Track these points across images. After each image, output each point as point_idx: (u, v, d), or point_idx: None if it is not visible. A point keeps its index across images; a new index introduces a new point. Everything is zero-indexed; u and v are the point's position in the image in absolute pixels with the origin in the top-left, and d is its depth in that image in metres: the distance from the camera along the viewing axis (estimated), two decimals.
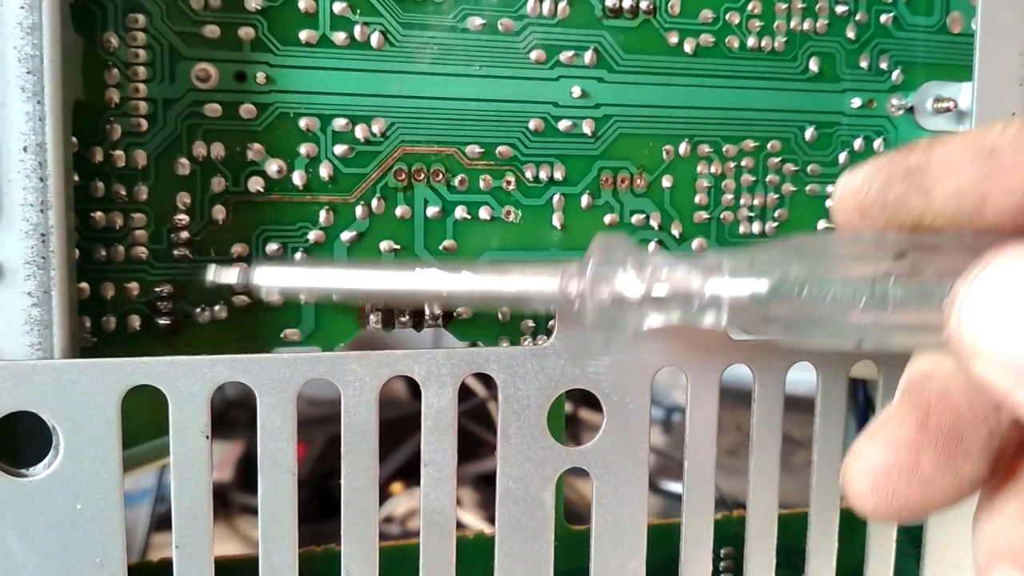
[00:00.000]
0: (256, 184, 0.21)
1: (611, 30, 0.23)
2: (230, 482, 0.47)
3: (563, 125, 0.23)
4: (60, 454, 0.18)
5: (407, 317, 0.22)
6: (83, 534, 0.18)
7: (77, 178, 0.19)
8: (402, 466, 0.48)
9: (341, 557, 0.20)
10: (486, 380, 0.24)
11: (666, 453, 0.53)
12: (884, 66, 0.25)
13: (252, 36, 0.21)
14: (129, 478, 0.19)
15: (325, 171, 0.21)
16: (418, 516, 0.20)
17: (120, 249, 0.20)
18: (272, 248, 0.21)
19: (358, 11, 0.21)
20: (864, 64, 0.25)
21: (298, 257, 0.21)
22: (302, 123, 0.21)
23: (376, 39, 0.21)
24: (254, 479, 0.19)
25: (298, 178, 0.21)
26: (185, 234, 0.21)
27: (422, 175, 0.22)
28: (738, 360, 0.22)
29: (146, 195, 0.20)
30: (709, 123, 0.24)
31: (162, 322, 0.20)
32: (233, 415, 0.48)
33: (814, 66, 0.24)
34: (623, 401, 0.21)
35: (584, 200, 0.23)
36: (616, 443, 0.21)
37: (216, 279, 0.20)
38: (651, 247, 0.24)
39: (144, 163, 0.20)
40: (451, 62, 0.22)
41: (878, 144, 0.25)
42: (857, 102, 0.25)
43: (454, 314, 0.22)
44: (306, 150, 0.21)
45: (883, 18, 0.25)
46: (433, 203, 0.22)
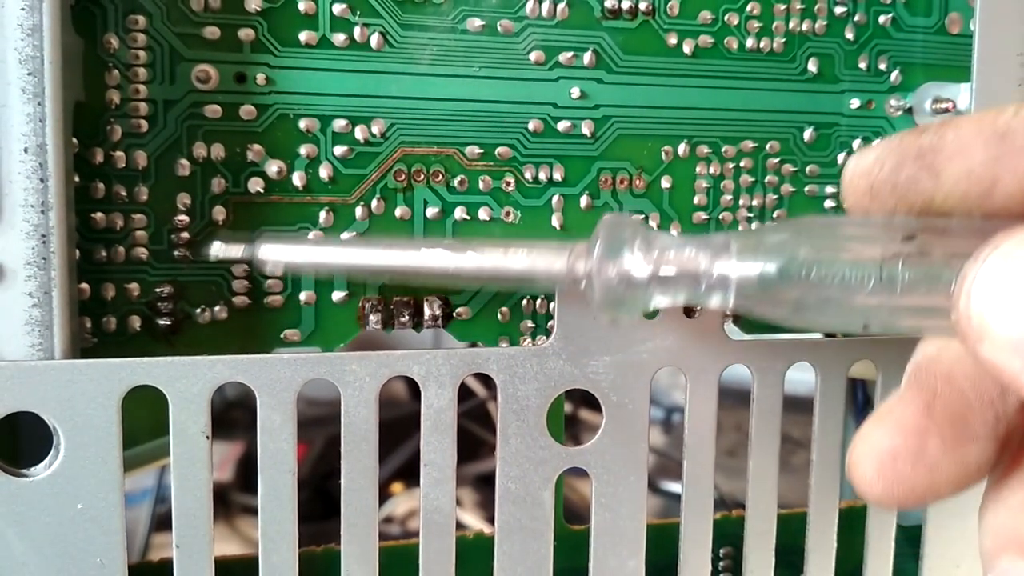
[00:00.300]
0: (256, 185, 0.21)
1: (610, 31, 0.23)
2: (230, 482, 0.47)
3: (562, 126, 0.23)
4: (61, 454, 0.18)
5: (407, 317, 0.22)
6: (84, 534, 0.18)
7: (78, 179, 0.19)
8: (402, 466, 0.48)
9: (341, 557, 0.20)
10: (486, 380, 0.24)
11: (666, 453, 0.53)
12: (883, 67, 0.25)
13: (252, 37, 0.21)
14: (129, 478, 0.20)
15: (325, 172, 0.21)
16: (418, 516, 0.20)
17: (120, 250, 0.20)
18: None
19: (358, 12, 0.21)
20: (863, 65, 0.25)
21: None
22: (302, 124, 0.21)
23: (376, 40, 0.21)
24: (254, 479, 0.19)
25: (298, 179, 0.21)
26: (185, 235, 0.21)
27: (422, 176, 0.22)
28: (737, 360, 0.22)
29: (146, 196, 0.20)
30: (708, 124, 0.24)
31: (162, 322, 0.20)
32: (233, 415, 0.48)
33: (813, 67, 0.24)
34: (623, 401, 0.21)
35: (583, 201, 0.23)
36: (615, 443, 0.21)
37: (220, 254, 0.20)
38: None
39: (144, 164, 0.20)
40: (450, 63, 0.22)
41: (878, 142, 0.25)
42: (856, 103, 0.25)
43: (454, 314, 0.22)
44: (306, 151, 0.21)
45: (882, 19, 0.25)
46: (433, 204, 0.22)
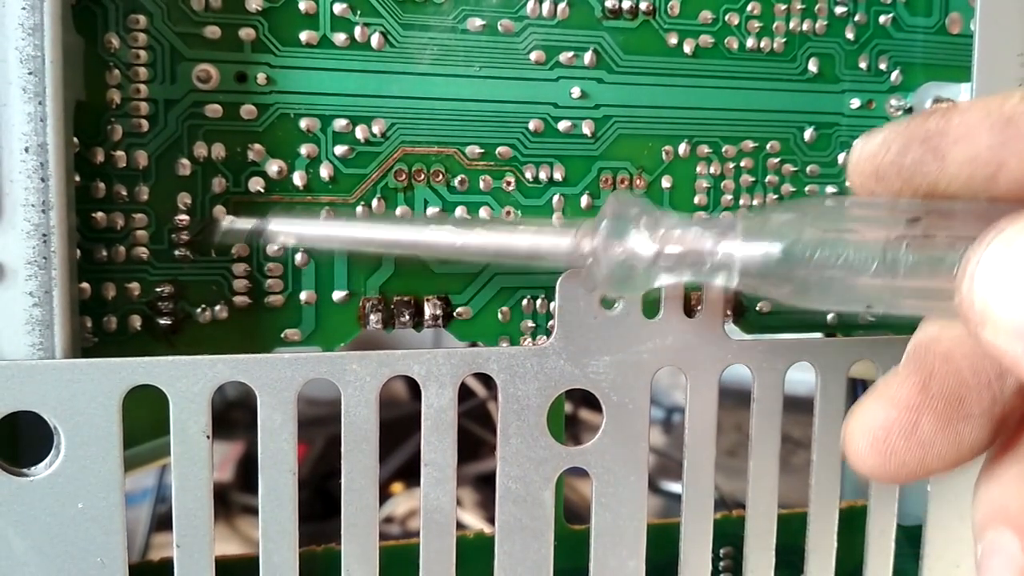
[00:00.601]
0: (257, 184, 0.21)
1: (611, 31, 0.23)
2: (231, 482, 0.47)
3: (563, 126, 0.23)
4: (61, 454, 0.18)
5: (407, 317, 0.22)
6: (84, 533, 0.18)
7: (78, 178, 0.19)
8: (402, 466, 0.48)
9: (342, 557, 0.20)
10: (486, 380, 0.24)
11: (666, 453, 0.53)
12: (883, 67, 0.25)
13: (253, 37, 0.21)
14: (130, 478, 0.20)
15: (325, 172, 0.21)
16: (418, 516, 0.20)
17: (121, 249, 0.20)
18: (273, 249, 0.21)
19: (358, 12, 0.21)
20: (863, 65, 0.25)
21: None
22: (302, 124, 0.21)
23: (376, 40, 0.21)
24: (254, 479, 0.19)
25: (298, 179, 0.21)
26: (186, 235, 0.21)
27: (422, 175, 0.22)
28: (738, 360, 0.22)
29: (147, 195, 0.20)
30: (708, 124, 0.24)
31: (163, 322, 0.20)
32: (234, 415, 0.48)
33: (813, 67, 0.24)
34: (623, 401, 0.21)
35: (584, 200, 0.23)
36: (616, 443, 0.21)
37: (230, 227, 0.20)
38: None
39: (145, 163, 0.20)
40: (451, 63, 0.22)
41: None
42: (856, 103, 0.25)
43: (454, 314, 0.22)
44: (306, 151, 0.21)
45: (882, 19, 0.25)
46: (433, 203, 0.22)
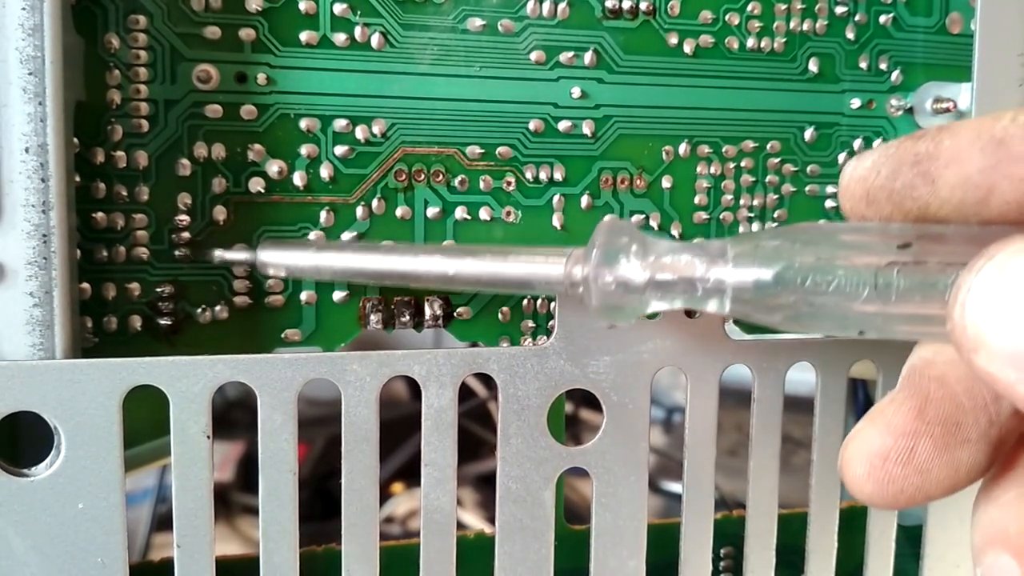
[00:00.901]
0: (257, 185, 0.21)
1: (611, 31, 0.23)
2: (231, 482, 0.47)
3: (563, 126, 0.23)
4: (62, 454, 0.18)
5: (407, 317, 0.22)
6: (85, 534, 0.18)
7: (78, 179, 0.19)
8: (403, 466, 0.48)
9: (342, 557, 0.20)
10: (486, 380, 0.24)
11: (666, 453, 0.53)
12: (883, 67, 0.25)
13: (253, 37, 0.21)
14: (130, 478, 0.20)
15: (326, 172, 0.21)
16: (419, 516, 0.20)
17: (121, 250, 0.20)
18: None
19: (358, 12, 0.21)
20: (863, 65, 0.25)
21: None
22: (303, 124, 0.21)
23: (376, 40, 0.21)
24: (255, 479, 0.19)
25: (299, 179, 0.21)
26: (186, 235, 0.21)
27: (422, 176, 0.22)
28: (738, 360, 0.22)
29: (147, 196, 0.20)
30: (709, 124, 0.24)
31: (163, 322, 0.20)
32: (234, 415, 0.48)
33: (813, 67, 0.24)
34: (623, 401, 0.21)
35: (584, 201, 0.23)
36: (616, 443, 0.21)
37: (223, 257, 0.20)
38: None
39: (145, 164, 0.20)
40: (451, 63, 0.22)
41: (877, 145, 0.25)
42: (856, 103, 0.25)
43: (454, 314, 0.22)
44: (307, 151, 0.21)
45: (882, 19, 0.25)
46: (433, 204, 0.22)
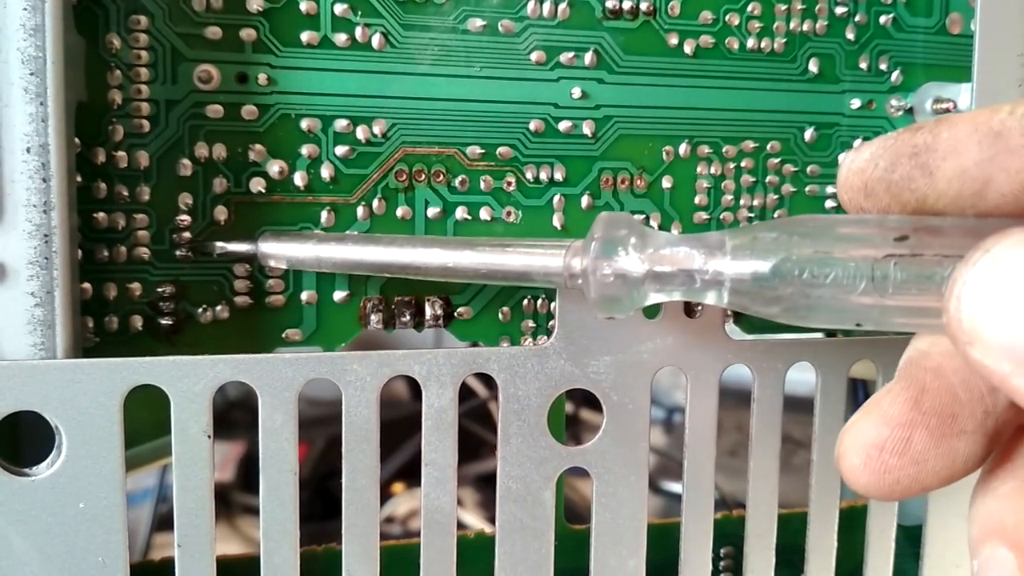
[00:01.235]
0: (258, 185, 0.21)
1: (611, 31, 0.23)
2: (231, 482, 0.47)
3: (563, 126, 0.23)
4: (63, 453, 0.18)
5: (408, 317, 0.22)
6: (85, 533, 0.18)
7: (80, 179, 0.19)
8: (403, 466, 0.48)
9: (342, 557, 0.20)
10: (486, 380, 0.24)
11: (666, 453, 0.53)
12: (883, 67, 0.25)
13: (254, 37, 0.21)
14: (131, 478, 0.20)
15: (326, 172, 0.21)
16: (419, 516, 0.21)
17: (122, 250, 0.20)
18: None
19: (359, 13, 0.21)
20: (863, 65, 0.25)
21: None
22: (303, 124, 0.21)
23: (377, 40, 0.21)
24: (255, 479, 0.19)
25: (299, 179, 0.21)
26: (187, 235, 0.21)
27: (423, 176, 0.22)
28: (738, 360, 0.22)
29: (148, 196, 0.20)
30: (709, 124, 0.24)
31: (164, 322, 0.21)
32: (234, 415, 0.48)
33: (814, 67, 0.24)
34: (623, 401, 0.21)
35: (584, 201, 0.23)
36: (616, 443, 0.21)
37: (223, 250, 0.20)
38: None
39: (146, 164, 0.20)
40: (452, 63, 0.22)
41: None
42: (856, 103, 0.25)
43: (455, 314, 0.23)
44: (307, 151, 0.21)
45: (882, 19, 0.25)
46: (434, 204, 0.22)
